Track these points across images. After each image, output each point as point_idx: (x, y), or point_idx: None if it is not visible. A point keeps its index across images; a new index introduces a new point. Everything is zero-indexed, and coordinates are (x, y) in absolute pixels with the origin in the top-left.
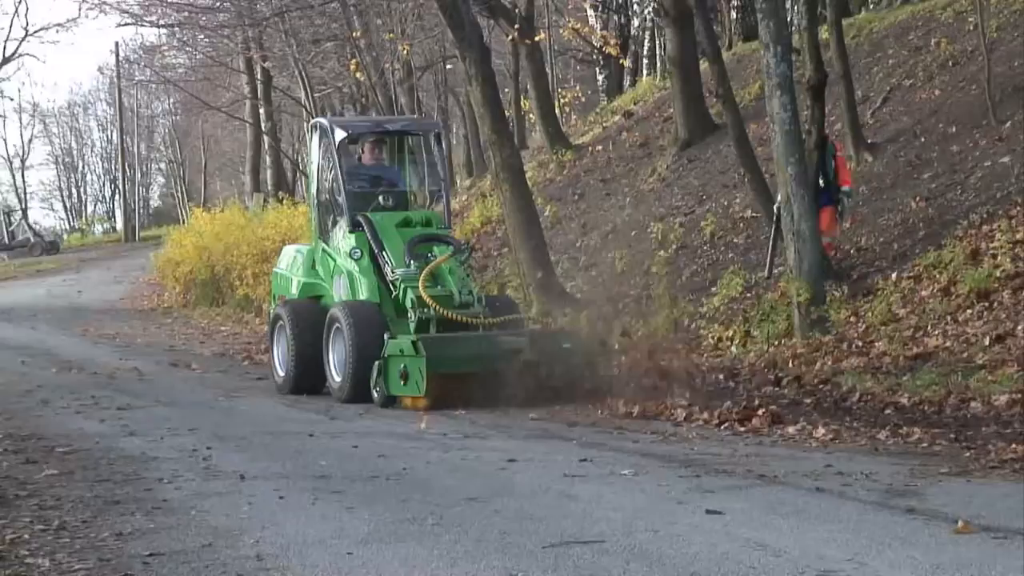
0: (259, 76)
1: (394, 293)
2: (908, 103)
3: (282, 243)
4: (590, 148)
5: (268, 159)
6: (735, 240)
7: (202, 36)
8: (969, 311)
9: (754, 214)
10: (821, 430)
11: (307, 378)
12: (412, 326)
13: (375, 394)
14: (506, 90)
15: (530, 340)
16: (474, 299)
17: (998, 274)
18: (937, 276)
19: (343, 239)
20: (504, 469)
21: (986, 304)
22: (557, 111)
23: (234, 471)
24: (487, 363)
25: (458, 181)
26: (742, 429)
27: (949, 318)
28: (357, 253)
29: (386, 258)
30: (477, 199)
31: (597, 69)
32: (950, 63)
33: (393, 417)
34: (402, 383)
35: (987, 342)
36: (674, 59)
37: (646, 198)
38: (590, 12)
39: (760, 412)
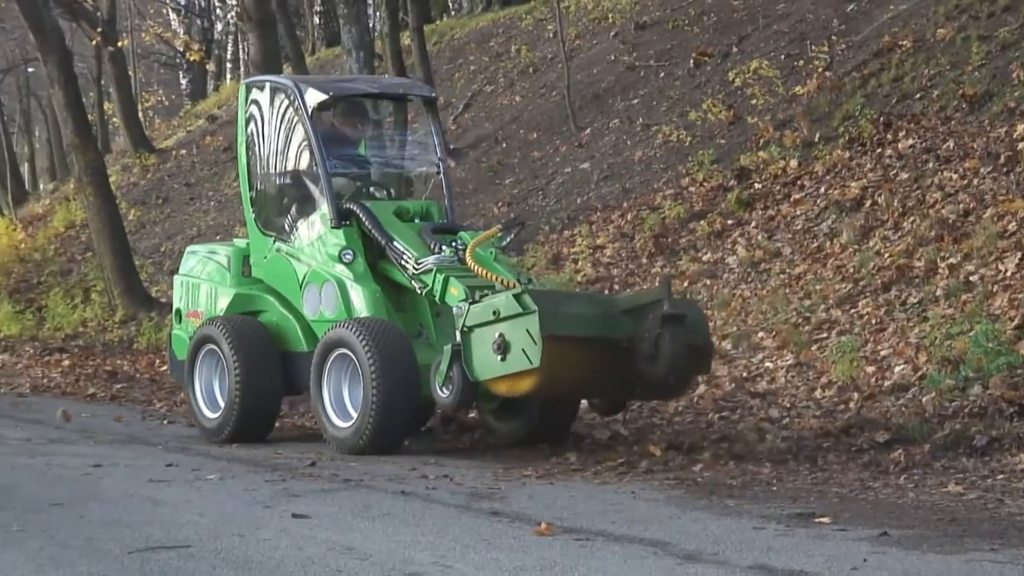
0: None
1: (425, 288)
2: (490, 109)
3: None
4: (174, 152)
5: None
6: None
7: None
8: None
9: None
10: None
11: (257, 421)
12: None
13: (442, 394)
14: (90, 93)
15: (667, 291)
16: (536, 287)
17: (579, 279)
18: None
19: (324, 237)
20: (89, 474)
21: None
22: (140, 115)
23: None
24: (612, 326)
25: (41, 185)
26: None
27: None
28: (349, 255)
29: (399, 249)
30: (61, 203)
31: (181, 73)
32: (531, 70)
33: None
34: (499, 359)
35: None
36: (257, 64)
37: (231, 202)
38: (173, 16)
39: None
